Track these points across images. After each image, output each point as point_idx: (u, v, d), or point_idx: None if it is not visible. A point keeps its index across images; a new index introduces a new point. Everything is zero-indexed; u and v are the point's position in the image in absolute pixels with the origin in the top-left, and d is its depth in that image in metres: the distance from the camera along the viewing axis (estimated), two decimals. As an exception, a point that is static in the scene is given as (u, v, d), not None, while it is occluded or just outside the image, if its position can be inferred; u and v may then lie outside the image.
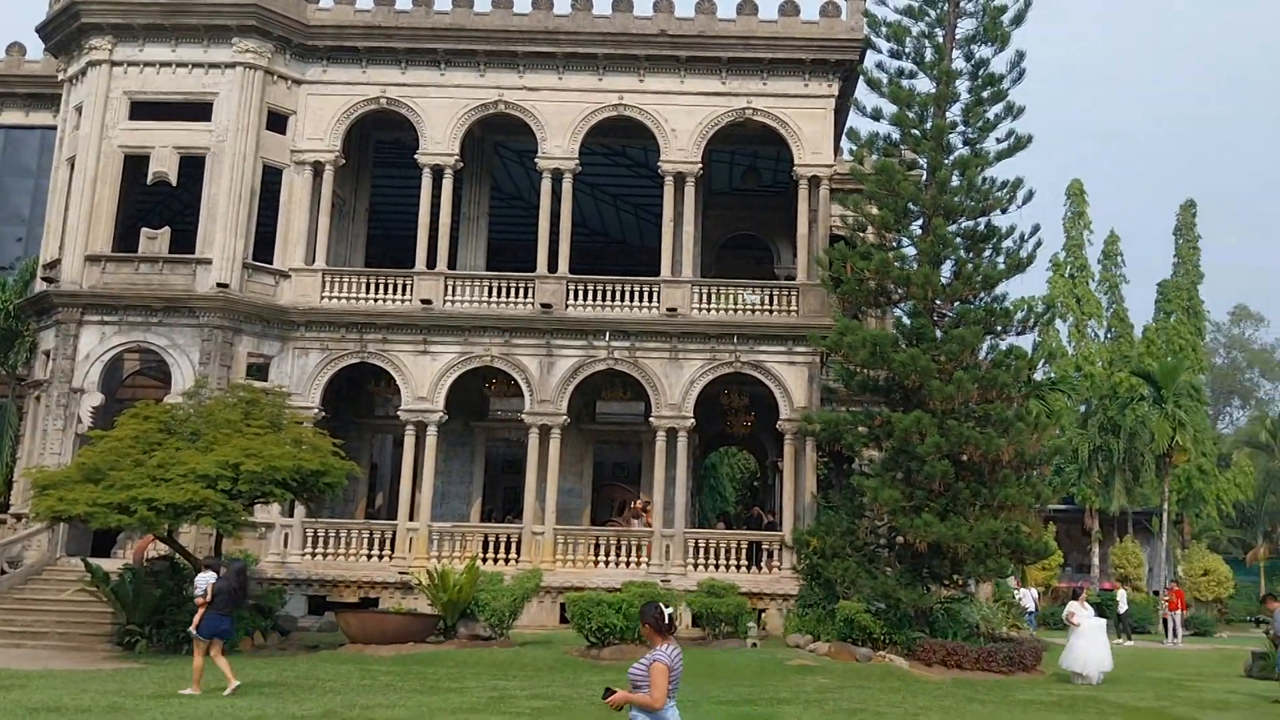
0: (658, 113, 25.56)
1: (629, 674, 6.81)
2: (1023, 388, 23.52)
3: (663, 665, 6.66)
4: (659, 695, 6.62)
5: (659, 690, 6.62)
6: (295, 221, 25.38)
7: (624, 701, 6.66)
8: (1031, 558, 22.46)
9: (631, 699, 6.67)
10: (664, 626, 6.86)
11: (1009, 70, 23.19)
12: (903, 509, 20.57)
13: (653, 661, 6.69)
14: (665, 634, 6.85)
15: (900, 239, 23.98)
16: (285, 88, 25.54)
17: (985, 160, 22.87)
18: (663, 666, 6.65)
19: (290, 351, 24.79)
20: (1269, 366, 75.26)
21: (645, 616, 6.90)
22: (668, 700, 6.70)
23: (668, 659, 6.69)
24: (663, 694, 6.62)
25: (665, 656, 6.70)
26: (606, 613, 18.70)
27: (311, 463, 19.67)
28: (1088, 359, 53.89)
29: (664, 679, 6.63)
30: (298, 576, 23.64)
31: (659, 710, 6.65)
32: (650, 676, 6.66)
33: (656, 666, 6.66)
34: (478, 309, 25.04)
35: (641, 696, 6.66)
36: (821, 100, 25.68)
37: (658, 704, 6.63)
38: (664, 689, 6.62)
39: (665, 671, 6.65)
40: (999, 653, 19.55)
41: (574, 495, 26.91)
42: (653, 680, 6.65)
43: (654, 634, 6.84)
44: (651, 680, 6.65)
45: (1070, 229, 56.74)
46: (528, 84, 25.67)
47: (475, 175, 28.13)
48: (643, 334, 24.73)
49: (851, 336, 21.82)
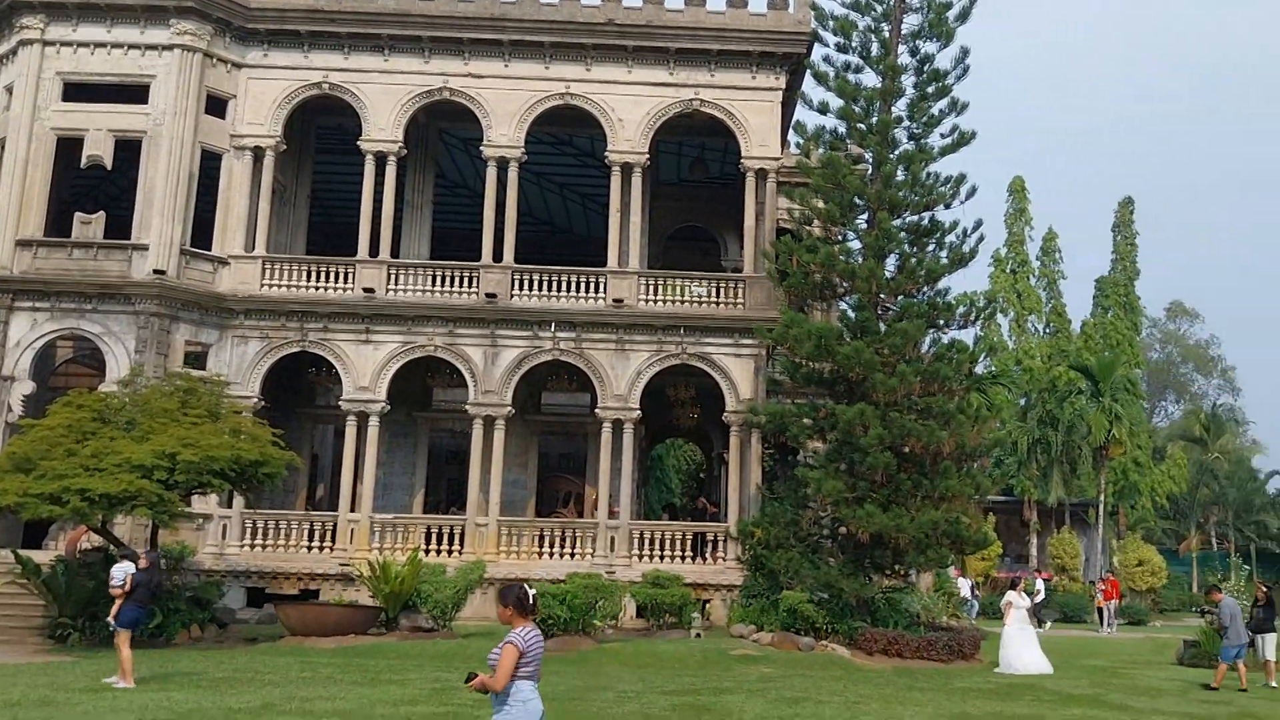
0: (605, 102, 25.44)
1: (488, 658, 6.69)
2: (964, 381, 23.83)
3: (514, 648, 6.53)
4: (501, 677, 6.49)
5: (503, 671, 6.49)
6: (235, 208, 24.91)
7: (478, 686, 6.55)
8: (971, 548, 22.76)
9: (485, 682, 6.55)
10: (527, 608, 6.75)
11: (953, 67, 23.47)
12: (846, 500, 20.75)
13: (505, 644, 6.57)
14: (527, 616, 6.73)
15: (846, 233, 24.15)
16: (225, 71, 25.04)
17: (930, 155, 23.11)
18: (514, 649, 6.53)
19: (229, 340, 24.35)
20: (1203, 362, 77.05)
21: (507, 598, 6.75)
22: (529, 683, 6.59)
23: (521, 642, 6.57)
24: (505, 676, 6.49)
25: (519, 639, 6.58)
26: (550, 604, 18.62)
27: (250, 453, 19.37)
28: (1028, 353, 54.82)
29: (512, 661, 6.51)
30: (236, 568, 23.27)
31: (498, 692, 6.53)
32: (500, 658, 6.55)
33: (507, 649, 6.53)
34: (421, 298, 24.76)
35: (487, 678, 6.56)
36: (769, 93, 25.72)
37: (497, 686, 6.50)
38: (508, 671, 6.50)
39: (515, 654, 6.52)
40: (939, 642, 19.82)
41: (519, 487, 26.77)
42: (500, 662, 6.52)
43: (516, 616, 6.70)
44: (499, 661, 6.53)
45: (1012, 225, 57.63)
46: (473, 71, 25.41)
47: (419, 162, 27.80)
48: (589, 325, 24.63)
49: (797, 329, 21.94)
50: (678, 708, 13.21)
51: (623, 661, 17.66)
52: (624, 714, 12.65)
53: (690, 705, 13.44)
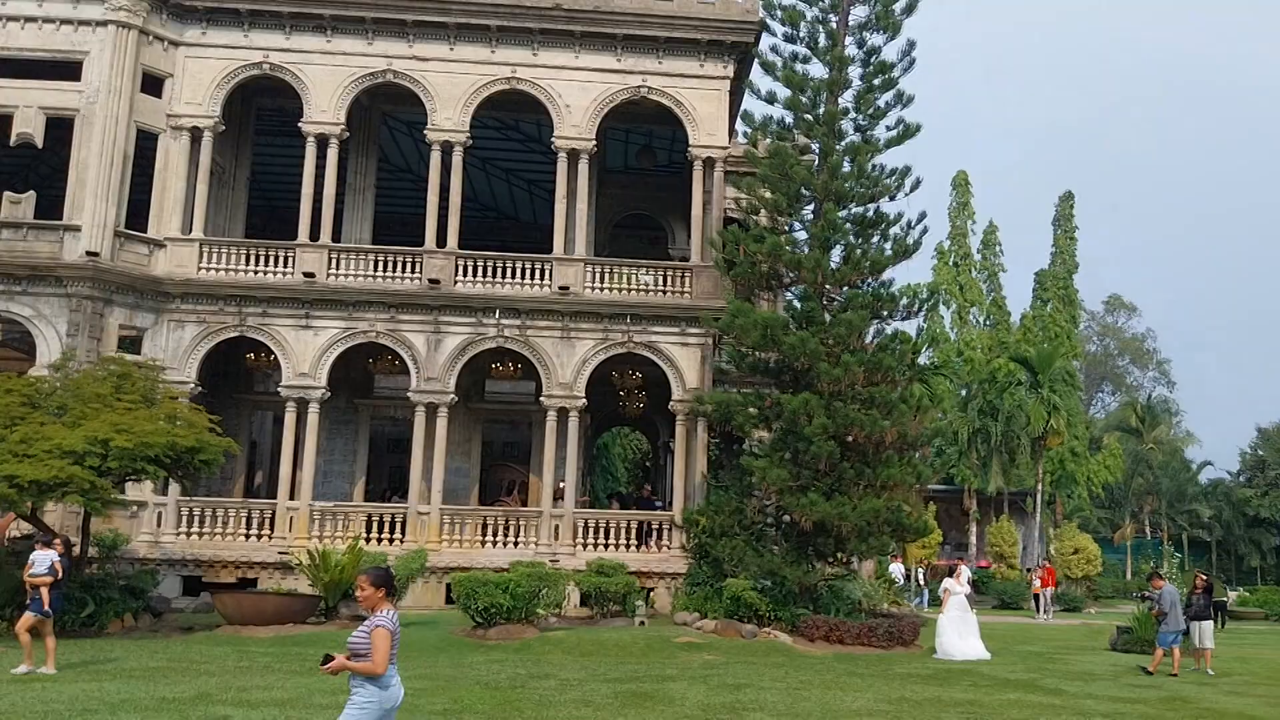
0: (551, 87, 25.23)
1: (349, 642, 6.56)
2: (907, 371, 24.06)
3: (387, 630, 6.45)
4: (381, 660, 6.39)
5: (381, 655, 6.40)
6: (171, 189, 24.35)
7: (342, 668, 6.41)
8: (912, 536, 23.00)
9: (351, 666, 6.43)
10: (393, 591, 6.70)
11: (900, 59, 23.61)
12: (790, 488, 20.86)
13: (375, 627, 6.46)
14: (391, 599, 6.66)
15: (792, 223, 24.24)
16: (161, 49, 24.43)
17: (875, 147, 23.23)
18: (386, 632, 6.44)
19: (165, 324, 23.82)
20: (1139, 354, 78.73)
21: (379, 581, 6.64)
22: (393, 666, 6.52)
23: (391, 624, 6.49)
24: (385, 659, 6.40)
25: (388, 622, 6.49)
26: (493, 592, 18.50)
27: (186, 439, 18.96)
28: (969, 345, 55.55)
29: (387, 644, 6.43)
30: (172, 556, 22.81)
31: (380, 676, 6.43)
32: (372, 642, 6.43)
33: (380, 632, 6.43)
34: (363, 283, 24.41)
35: (363, 664, 6.43)
36: (717, 81, 25.67)
37: (379, 669, 6.41)
38: (387, 653, 6.42)
39: (389, 636, 6.44)
40: (879, 628, 20.03)
41: (462, 475, 26.54)
42: (375, 645, 6.41)
43: (385, 600, 6.62)
44: (374, 646, 6.42)
45: (955, 218, 58.33)
46: (418, 54, 25.05)
47: (362, 146, 27.39)
48: (534, 312, 24.45)
49: (744, 319, 21.97)
50: (620, 695, 13.18)
51: (566, 650, 17.61)
52: (566, 701, 12.59)
53: (633, 693, 13.42)
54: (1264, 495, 63.32)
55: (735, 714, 12.13)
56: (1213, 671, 18.25)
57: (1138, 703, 14.39)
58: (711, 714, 12.07)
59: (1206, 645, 18.84)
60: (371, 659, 6.42)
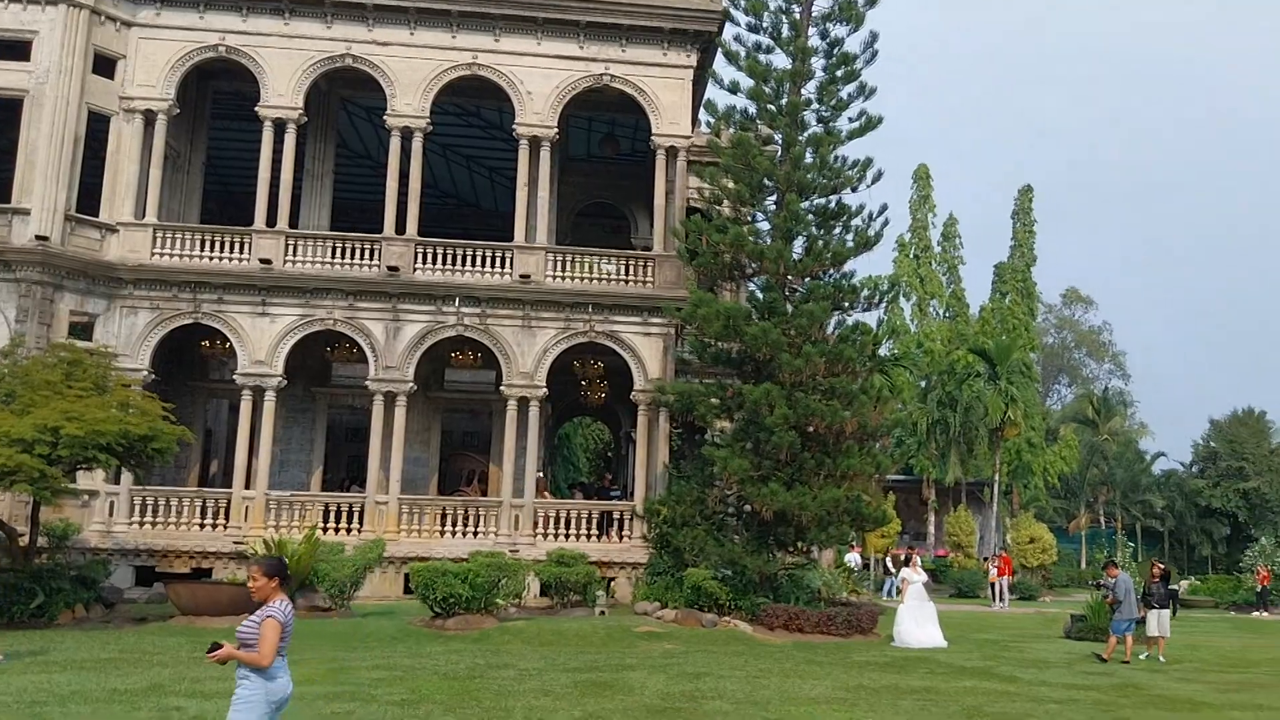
0: (513, 74, 25.02)
1: (238, 632, 6.44)
2: (867, 362, 24.13)
3: (276, 621, 6.33)
4: (268, 652, 6.27)
5: (269, 646, 6.27)
6: (124, 173, 23.91)
7: (228, 657, 6.29)
8: (871, 525, 23.12)
9: (237, 655, 6.31)
10: (286, 580, 6.60)
11: (863, 51, 23.58)
12: (751, 478, 20.87)
13: (266, 617, 6.34)
14: (283, 589, 6.55)
15: (755, 214, 24.20)
16: (114, 29, 23.95)
17: (838, 139, 23.23)
18: (276, 623, 6.33)
19: (118, 310, 23.39)
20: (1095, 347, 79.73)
21: (271, 570, 6.52)
22: (282, 659, 6.41)
23: (282, 615, 6.37)
24: (272, 650, 6.28)
25: (279, 613, 6.37)
26: (452, 582, 18.36)
27: (139, 427, 18.65)
28: (929, 336, 55.95)
29: (276, 635, 6.30)
30: (124, 546, 22.46)
31: (267, 668, 6.31)
32: (261, 633, 6.31)
33: (270, 623, 6.31)
34: (320, 270, 24.10)
35: (249, 654, 6.30)
36: (680, 70, 25.60)
37: (265, 661, 6.27)
38: (274, 645, 6.29)
39: (278, 628, 6.32)
40: (838, 616, 20.13)
41: (420, 464, 26.34)
42: (264, 636, 6.29)
43: (278, 590, 6.50)
44: (262, 636, 6.30)
45: (916, 211, 58.67)
46: (377, 38, 24.74)
47: (320, 131, 27.03)
48: (494, 300, 24.28)
49: (706, 309, 21.94)
50: (579, 684, 13.13)
51: (525, 640, 17.52)
52: (524, 691, 12.52)
53: (592, 682, 13.37)
54: (1215, 486, 64.44)
55: (694, 702, 12.12)
56: (1164, 659, 18.51)
57: (1091, 689, 14.56)
58: (670, 703, 12.05)
59: (1163, 634, 19.09)
60: (259, 650, 6.27)
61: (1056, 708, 12.77)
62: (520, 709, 11.42)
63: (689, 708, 11.77)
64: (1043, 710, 12.54)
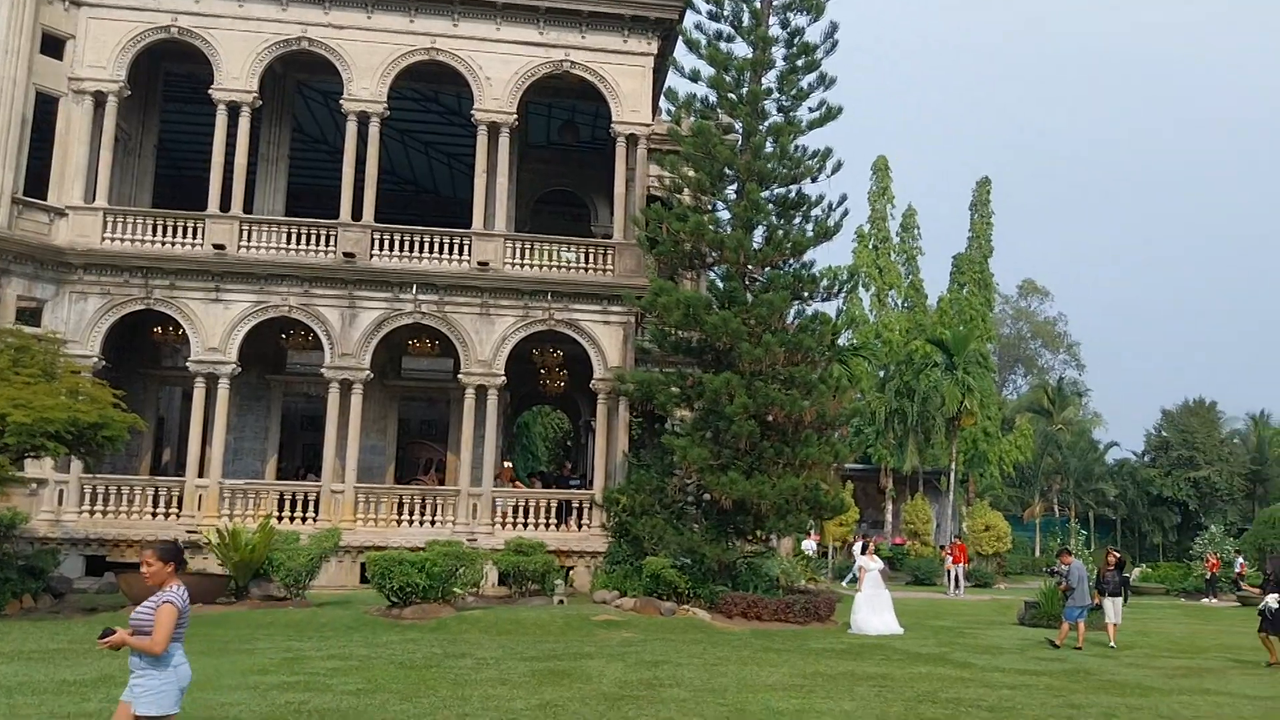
0: (472, 59, 24.78)
1: (131, 618, 6.31)
2: (826, 352, 24.27)
3: (175, 608, 6.23)
4: (162, 638, 6.17)
5: (163, 633, 6.17)
6: (73, 155, 23.41)
7: (120, 644, 6.17)
8: (829, 513, 23.25)
9: (130, 642, 6.19)
10: (182, 565, 6.48)
11: (823, 41, 23.63)
12: (710, 467, 20.90)
13: (163, 603, 6.23)
14: (180, 574, 6.44)
15: (716, 202, 24.20)
16: (62, 9, 23.41)
17: (798, 128, 23.27)
18: (174, 609, 6.23)
19: (67, 296, 22.94)
20: (1051, 337, 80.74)
21: (166, 555, 6.40)
22: (179, 645, 6.32)
23: (180, 601, 6.28)
24: (166, 637, 6.18)
25: (176, 598, 6.27)
26: (409, 571, 18.21)
27: (89, 415, 18.31)
28: (887, 327, 56.35)
29: (172, 621, 6.21)
30: (74, 535, 22.06)
31: (159, 655, 6.22)
32: (156, 619, 6.20)
33: (168, 609, 6.21)
34: (275, 256, 23.77)
35: (142, 641, 6.19)
36: (641, 58, 25.49)
37: (158, 648, 6.18)
38: (169, 631, 6.19)
39: (175, 614, 6.22)
40: (796, 604, 20.23)
41: (377, 453, 26.10)
42: (159, 622, 6.19)
43: (173, 575, 6.39)
44: (158, 622, 6.19)
45: (875, 202, 58.96)
46: (334, 21, 24.39)
47: (275, 115, 26.63)
48: (452, 288, 24.08)
49: (666, 298, 21.91)
50: (537, 673, 13.07)
51: (483, 629, 17.43)
52: (482, 680, 12.45)
53: (550, 670, 13.33)
54: (1167, 475, 65.54)
55: (652, 690, 12.11)
56: (1115, 645, 18.78)
57: (1043, 675, 14.74)
58: (628, 691, 12.03)
59: (1117, 620, 19.33)
60: (152, 636, 6.16)
61: (1009, 693, 12.91)
62: (477, 698, 11.35)
63: (647, 695, 11.76)
64: (995, 695, 12.67)
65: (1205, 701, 12.85)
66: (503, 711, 10.64)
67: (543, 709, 10.83)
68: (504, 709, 10.77)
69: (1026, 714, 11.49)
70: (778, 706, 11.35)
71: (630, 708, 11.01)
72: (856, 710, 11.33)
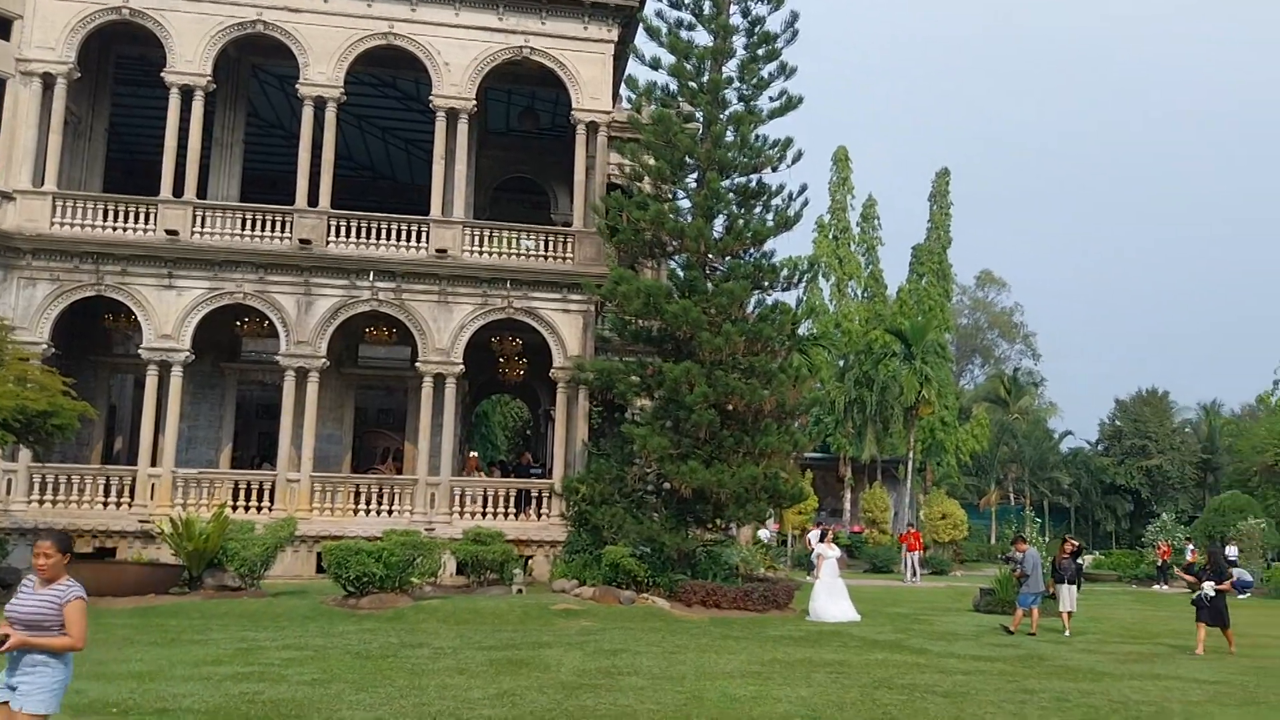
0: (430, 45, 24.51)
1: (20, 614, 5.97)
2: (786, 342, 24.30)
3: (85, 602, 6.05)
4: (82, 634, 5.98)
5: (81, 629, 5.98)
6: (21, 139, 22.90)
7: (23, 645, 5.88)
8: (788, 502, 23.36)
9: (40, 643, 5.91)
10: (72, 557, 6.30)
11: (784, 30, 23.63)
12: (670, 456, 20.90)
13: (72, 599, 6.00)
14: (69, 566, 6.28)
15: (676, 191, 24.13)
16: (10, -13, 22.88)
17: (759, 118, 23.26)
18: (85, 604, 6.05)
19: (15, 281, 22.45)
20: (1007, 328, 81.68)
21: (65, 545, 6.17)
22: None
23: (84, 593, 6.11)
24: (85, 631, 6.00)
25: (82, 590, 6.09)
26: (365, 561, 18.06)
27: (38, 403, 17.94)
28: (847, 316, 56.70)
29: (85, 614, 6.03)
30: (23, 525, 21.60)
31: (80, 650, 6.04)
32: (69, 616, 5.97)
33: (79, 604, 6.01)
34: (230, 242, 23.40)
35: (62, 640, 5.97)
36: (601, 45, 25.34)
37: (82, 644, 6.01)
38: (85, 625, 6.01)
39: (85, 609, 6.04)
40: (755, 592, 20.30)
41: (334, 442, 25.83)
42: (73, 619, 5.97)
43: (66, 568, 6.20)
44: (72, 619, 5.97)
45: (835, 193, 59.25)
46: (290, 4, 23.99)
47: (230, 99, 26.20)
48: (410, 275, 23.85)
49: (626, 286, 21.85)
50: (495, 663, 13.01)
51: (441, 618, 17.33)
52: (439, 670, 12.36)
53: (508, 660, 13.27)
54: (1120, 464, 66.60)
55: (611, 679, 12.09)
56: (1069, 632, 19.03)
57: (997, 660, 14.91)
58: (587, 679, 12.00)
59: (1071, 609, 19.57)
60: (70, 634, 5.95)
61: (963, 679, 13.03)
62: (434, 687, 11.27)
63: (605, 684, 11.74)
64: (950, 681, 12.78)
65: (1155, 686, 13.05)
66: (460, 701, 10.57)
67: (500, 698, 10.77)
68: (461, 698, 10.70)
69: (981, 699, 11.60)
70: (735, 693, 11.38)
71: (588, 696, 10.99)
72: (813, 696, 11.38)
